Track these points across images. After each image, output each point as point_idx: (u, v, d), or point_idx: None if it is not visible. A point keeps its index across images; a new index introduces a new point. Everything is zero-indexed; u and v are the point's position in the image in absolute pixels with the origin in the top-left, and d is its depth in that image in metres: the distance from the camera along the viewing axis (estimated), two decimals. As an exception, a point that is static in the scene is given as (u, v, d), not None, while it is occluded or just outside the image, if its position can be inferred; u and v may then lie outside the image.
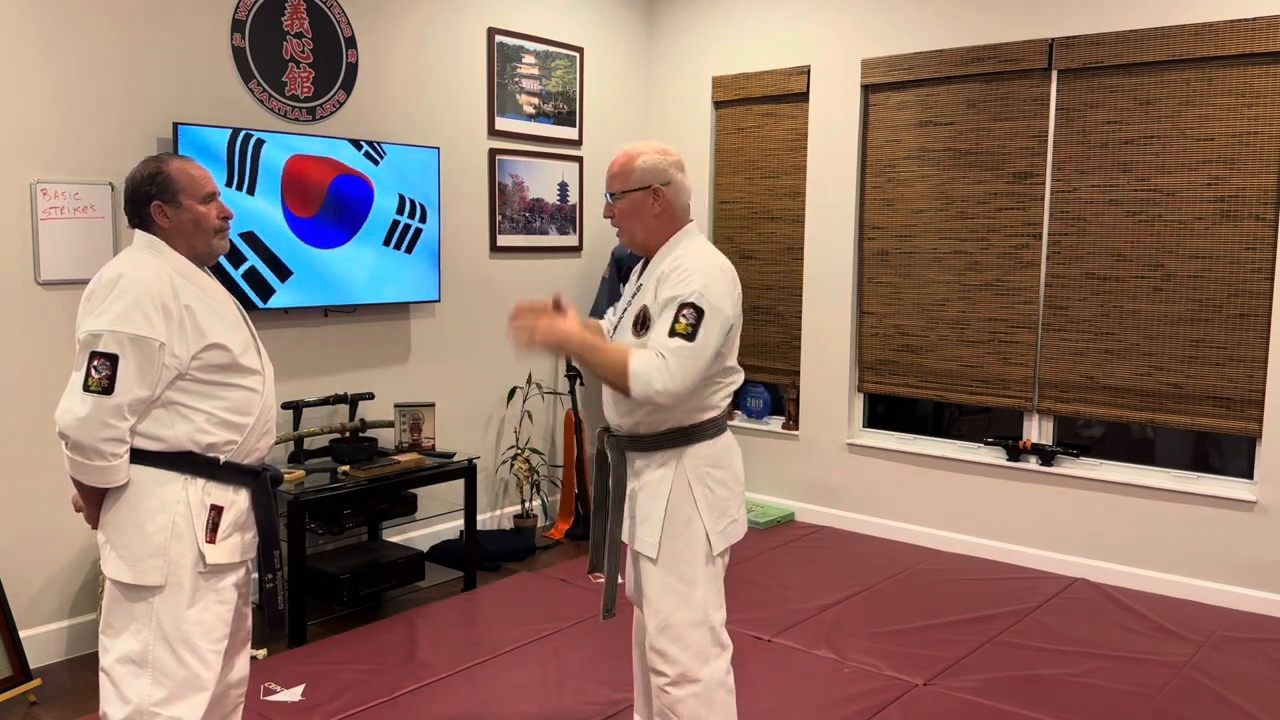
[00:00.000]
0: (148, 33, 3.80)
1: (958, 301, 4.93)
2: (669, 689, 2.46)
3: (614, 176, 2.52)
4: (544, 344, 2.41)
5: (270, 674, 3.52)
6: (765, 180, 5.54)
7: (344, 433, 4.31)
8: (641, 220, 2.50)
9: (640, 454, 2.51)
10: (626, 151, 2.52)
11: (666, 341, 2.33)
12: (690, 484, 2.47)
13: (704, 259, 2.44)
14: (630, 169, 2.50)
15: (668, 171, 2.50)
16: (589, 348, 2.40)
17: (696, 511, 2.47)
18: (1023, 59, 4.62)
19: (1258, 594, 4.20)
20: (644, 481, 2.50)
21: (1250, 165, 4.14)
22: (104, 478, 2.18)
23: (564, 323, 2.41)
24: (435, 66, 4.80)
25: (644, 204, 2.49)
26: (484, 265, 5.09)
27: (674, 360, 2.31)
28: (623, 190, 2.50)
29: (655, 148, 2.53)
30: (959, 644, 3.83)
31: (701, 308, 2.34)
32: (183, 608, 2.23)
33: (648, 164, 2.49)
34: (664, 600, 2.46)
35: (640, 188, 2.48)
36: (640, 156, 2.50)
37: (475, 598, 4.34)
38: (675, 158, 2.53)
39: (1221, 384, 4.26)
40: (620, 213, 2.53)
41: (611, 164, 2.53)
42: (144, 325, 2.16)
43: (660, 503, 2.46)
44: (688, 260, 2.43)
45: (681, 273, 2.40)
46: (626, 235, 2.55)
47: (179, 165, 2.31)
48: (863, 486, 5.27)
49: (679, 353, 2.32)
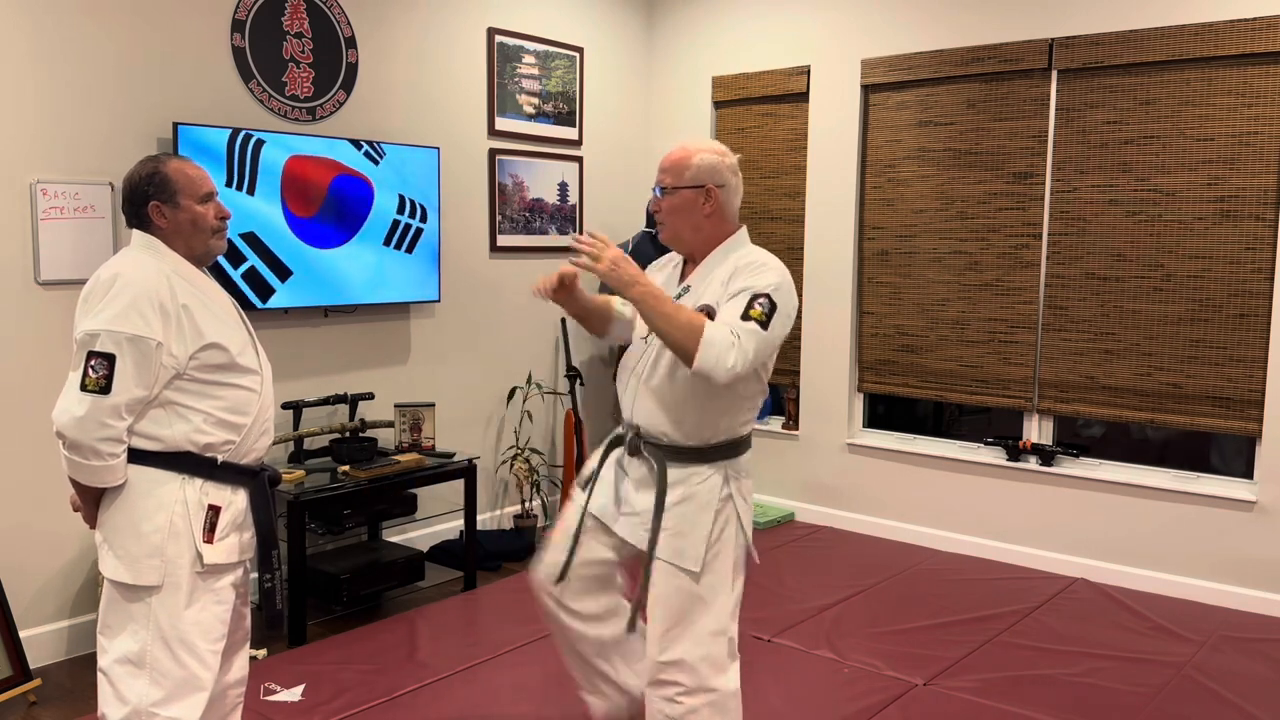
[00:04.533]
0: (148, 33, 3.81)
1: (958, 301, 4.92)
2: (682, 698, 2.42)
3: (667, 170, 2.45)
4: (611, 274, 2.30)
5: (270, 674, 3.53)
6: (765, 180, 5.54)
7: (344, 433, 4.31)
8: (690, 219, 2.45)
9: (682, 465, 2.43)
10: (684, 146, 2.46)
11: (740, 323, 2.27)
12: (733, 496, 2.45)
13: (774, 260, 2.41)
14: (686, 164, 2.43)
15: (724, 173, 2.45)
16: (660, 297, 2.29)
17: (738, 523, 2.45)
18: (1023, 59, 4.62)
19: (1257, 594, 4.20)
20: (687, 494, 2.43)
21: (1250, 165, 4.14)
22: (101, 477, 2.18)
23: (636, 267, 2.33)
24: (435, 66, 4.80)
25: (695, 203, 2.43)
26: (484, 265, 5.10)
27: (747, 341, 2.25)
28: (675, 185, 2.44)
29: (714, 148, 2.47)
30: (959, 644, 3.82)
31: (775, 302, 2.31)
32: (180, 608, 2.23)
33: (705, 163, 2.43)
34: (688, 610, 2.42)
35: (694, 186, 2.43)
36: (698, 154, 2.44)
37: (475, 598, 4.34)
38: (732, 160, 2.48)
39: (1221, 384, 4.26)
40: (669, 208, 2.46)
41: (666, 157, 2.46)
42: (141, 325, 2.16)
43: (708, 514, 2.41)
44: (762, 257, 2.41)
45: (757, 267, 2.36)
46: (670, 232, 2.49)
47: (176, 165, 2.31)
48: (863, 486, 5.26)
49: (753, 336, 2.26)
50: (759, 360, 2.30)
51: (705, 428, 2.42)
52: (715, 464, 2.43)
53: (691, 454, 2.43)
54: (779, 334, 2.34)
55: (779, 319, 2.32)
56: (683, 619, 2.42)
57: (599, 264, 2.32)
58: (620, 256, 2.32)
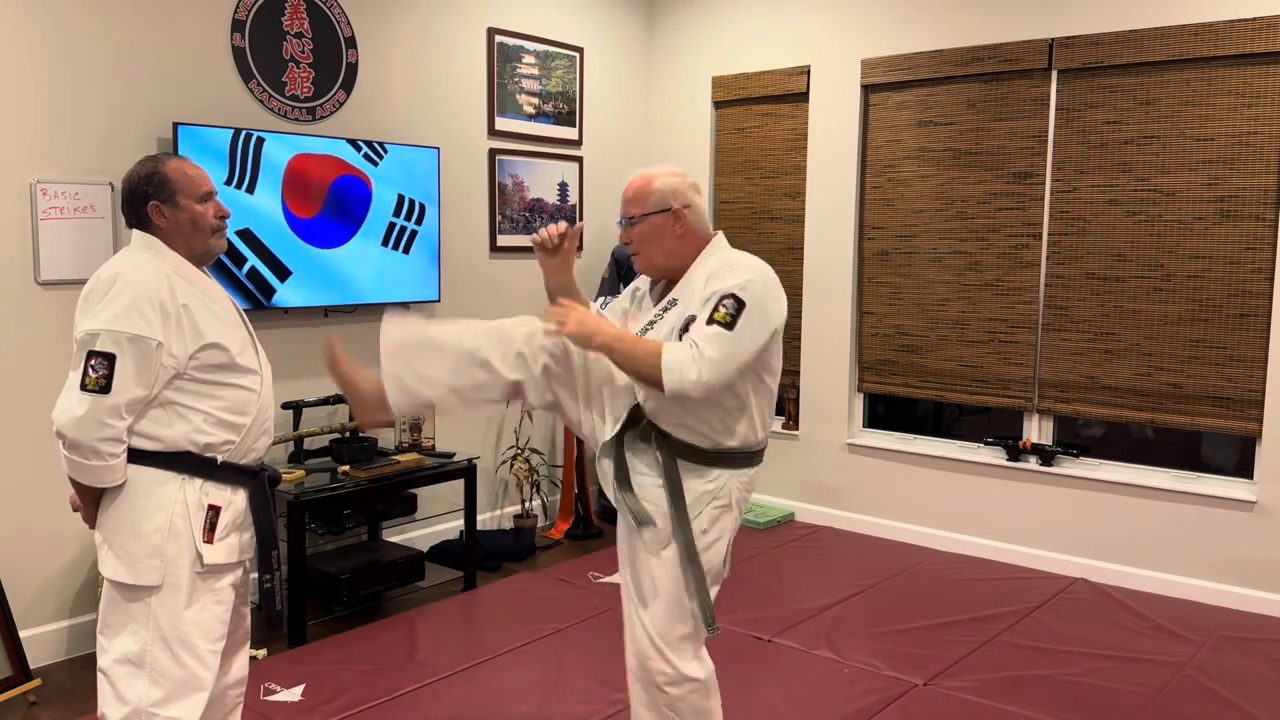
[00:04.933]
0: (148, 32, 3.81)
1: (958, 301, 4.92)
2: (668, 688, 2.44)
3: (631, 200, 2.45)
4: (575, 333, 2.31)
5: (270, 674, 3.52)
6: (765, 180, 5.54)
7: (344, 433, 4.31)
8: (661, 244, 2.44)
9: (694, 466, 2.41)
10: (643, 174, 2.47)
11: (702, 330, 2.26)
12: (732, 504, 2.44)
13: (751, 259, 2.40)
14: (649, 191, 2.43)
15: (688, 193, 2.45)
16: (618, 339, 2.31)
17: (728, 530, 2.46)
18: (1023, 59, 4.62)
19: (1257, 594, 4.20)
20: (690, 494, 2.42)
21: (1250, 165, 4.14)
22: (101, 477, 2.18)
23: (597, 318, 2.34)
24: (435, 66, 4.80)
25: (664, 227, 2.43)
26: (484, 265, 5.10)
27: (708, 349, 2.22)
28: (642, 214, 2.44)
29: (671, 170, 2.48)
30: (959, 644, 3.82)
31: (743, 300, 2.26)
32: (180, 608, 2.23)
33: (667, 186, 2.43)
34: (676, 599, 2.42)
35: (660, 210, 2.42)
36: (658, 179, 2.44)
37: (475, 598, 4.34)
38: (692, 180, 2.50)
39: (1221, 384, 4.26)
40: (639, 237, 2.45)
41: (627, 188, 2.46)
42: (141, 325, 2.16)
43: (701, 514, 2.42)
44: (736, 257, 2.40)
45: (728, 267, 2.35)
46: (644, 261, 2.48)
47: (176, 165, 2.31)
48: (863, 486, 5.26)
49: (714, 340, 2.22)
50: (733, 363, 2.25)
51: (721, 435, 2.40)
52: (724, 470, 2.42)
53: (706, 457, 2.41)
54: (751, 334, 2.28)
55: (748, 317, 2.27)
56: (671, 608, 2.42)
57: (566, 326, 2.32)
58: (579, 316, 2.32)
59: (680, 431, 2.40)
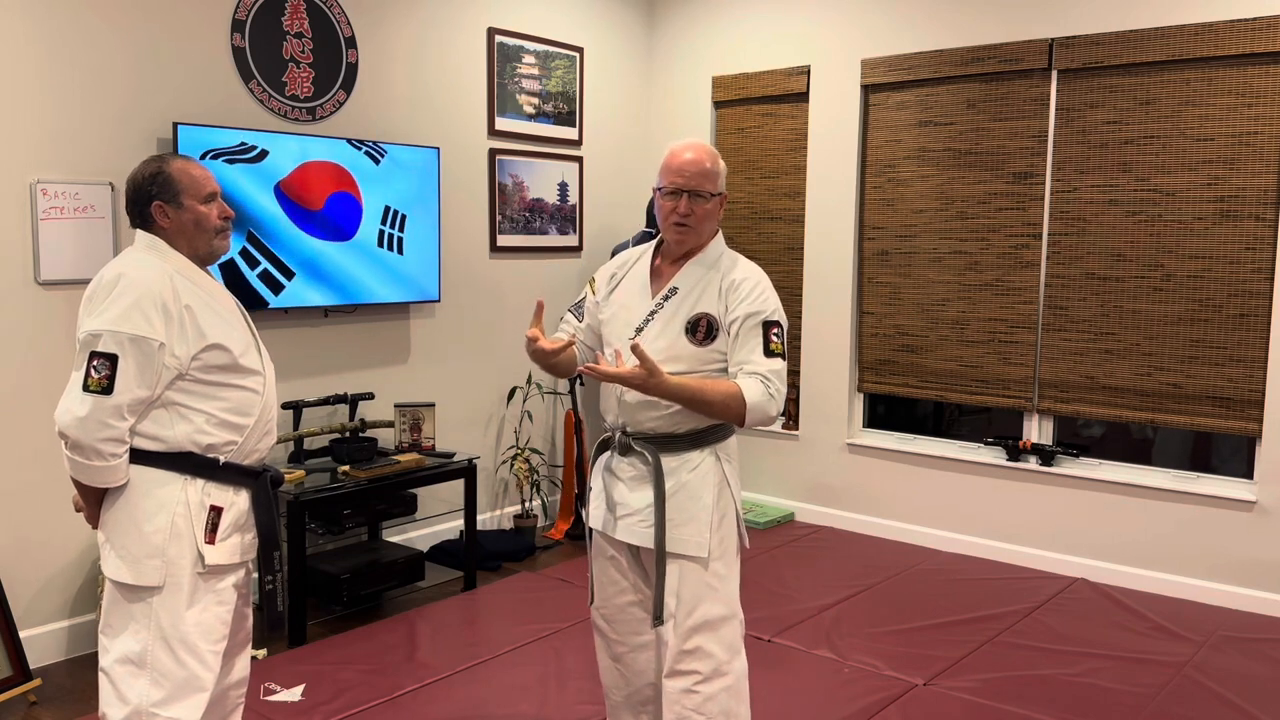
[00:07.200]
0: (148, 33, 3.80)
1: (958, 301, 4.93)
2: (699, 687, 2.42)
3: (706, 174, 2.44)
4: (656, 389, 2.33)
5: (270, 674, 3.52)
6: (765, 180, 5.54)
7: (344, 433, 4.31)
8: (709, 225, 2.50)
9: (675, 454, 2.45)
10: (707, 149, 2.47)
11: (767, 363, 2.38)
12: (726, 478, 2.48)
13: (760, 272, 2.49)
14: (717, 171, 2.47)
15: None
16: (691, 387, 2.35)
17: (733, 504, 2.50)
18: (1023, 59, 4.62)
19: (1257, 594, 4.20)
20: (682, 482, 2.44)
21: (1250, 165, 4.14)
22: (103, 478, 2.18)
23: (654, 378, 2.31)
24: (435, 66, 4.80)
25: (715, 210, 2.49)
26: (484, 265, 5.09)
27: (778, 381, 2.38)
28: (712, 192, 2.46)
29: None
30: (959, 644, 3.83)
31: (780, 322, 2.43)
32: (182, 608, 2.23)
33: (724, 170, 2.51)
34: (702, 597, 2.43)
35: (721, 192, 2.49)
36: (719, 161, 2.49)
37: (475, 598, 4.34)
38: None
39: (1221, 384, 4.27)
40: (703, 214, 2.45)
41: (694, 161, 2.43)
42: (144, 325, 2.16)
43: (705, 500, 2.44)
44: (753, 273, 2.47)
45: (753, 287, 2.43)
46: (692, 236, 2.47)
47: (180, 165, 2.31)
48: (863, 486, 5.27)
49: (781, 373, 2.39)
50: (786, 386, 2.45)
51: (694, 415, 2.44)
52: (705, 448, 2.46)
53: (686, 441, 2.45)
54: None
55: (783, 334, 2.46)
56: (698, 607, 2.43)
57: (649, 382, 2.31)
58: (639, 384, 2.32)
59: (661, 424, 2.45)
